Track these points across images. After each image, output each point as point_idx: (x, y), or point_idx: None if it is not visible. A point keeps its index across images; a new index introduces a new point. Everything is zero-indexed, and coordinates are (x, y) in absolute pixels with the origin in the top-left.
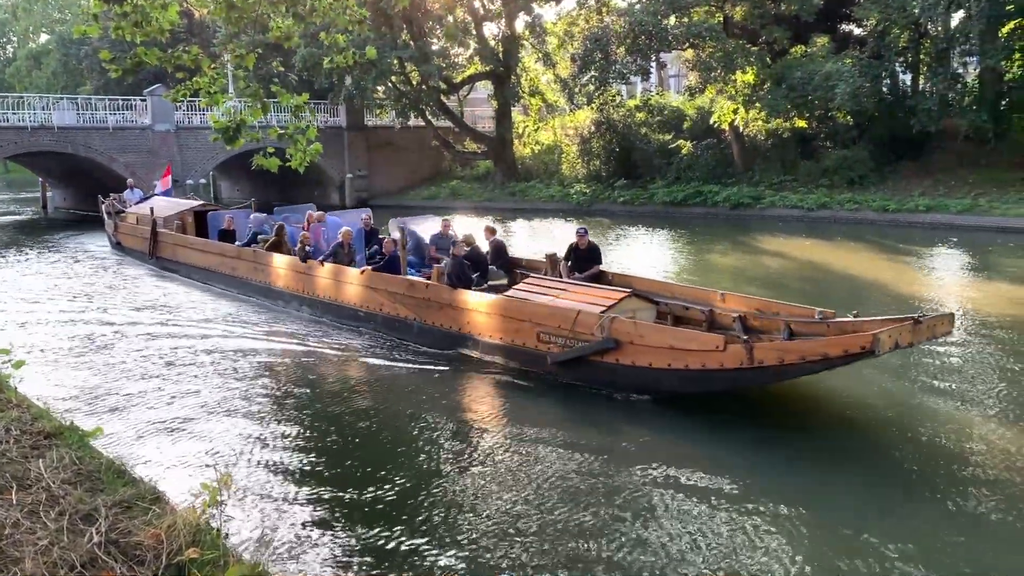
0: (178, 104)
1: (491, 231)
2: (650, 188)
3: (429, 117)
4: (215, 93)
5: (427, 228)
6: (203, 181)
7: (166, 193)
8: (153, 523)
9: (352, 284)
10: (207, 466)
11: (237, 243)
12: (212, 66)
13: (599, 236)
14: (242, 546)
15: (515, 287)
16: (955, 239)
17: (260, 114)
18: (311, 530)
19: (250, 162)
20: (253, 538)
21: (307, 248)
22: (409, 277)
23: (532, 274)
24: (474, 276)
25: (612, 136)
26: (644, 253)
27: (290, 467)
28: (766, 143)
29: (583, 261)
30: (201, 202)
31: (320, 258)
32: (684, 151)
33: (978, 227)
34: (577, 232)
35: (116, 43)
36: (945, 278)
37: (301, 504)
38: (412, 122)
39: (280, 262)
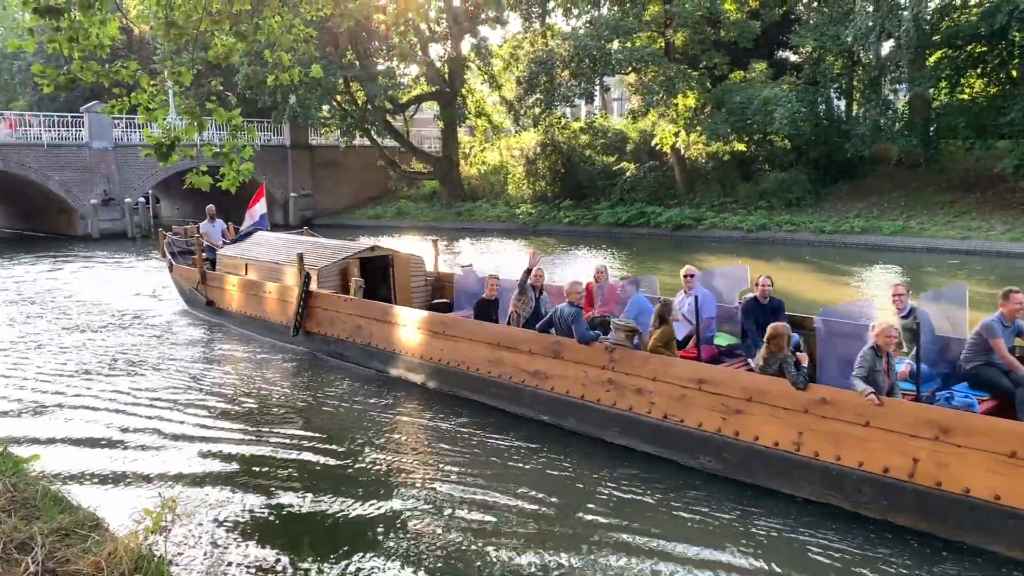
0: (116, 122)
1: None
2: (594, 209)
3: (375, 137)
4: (154, 110)
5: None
6: (142, 200)
7: (260, 223)
8: (93, 551)
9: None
10: (152, 492)
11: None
12: (152, 83)
13: (545, 256)
14: (188, 573)
15: None
16: (887, 259)
17: (195, 131)
18: (261, 556)
19: (182, 179)
20: (200, 565)
21: (798, 371)
22: None
23: None
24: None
25: (557, 157)
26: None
27: (239, 492)
28: (707, 166)
29: None
30: (369, 244)
31: (796, 378)
32: (628, 173)
33: (909, 248)
34: None
35: (53, 57)
36: (877, 295)
37: (251, 530)
38: (358, 141)
39: (701, 375)
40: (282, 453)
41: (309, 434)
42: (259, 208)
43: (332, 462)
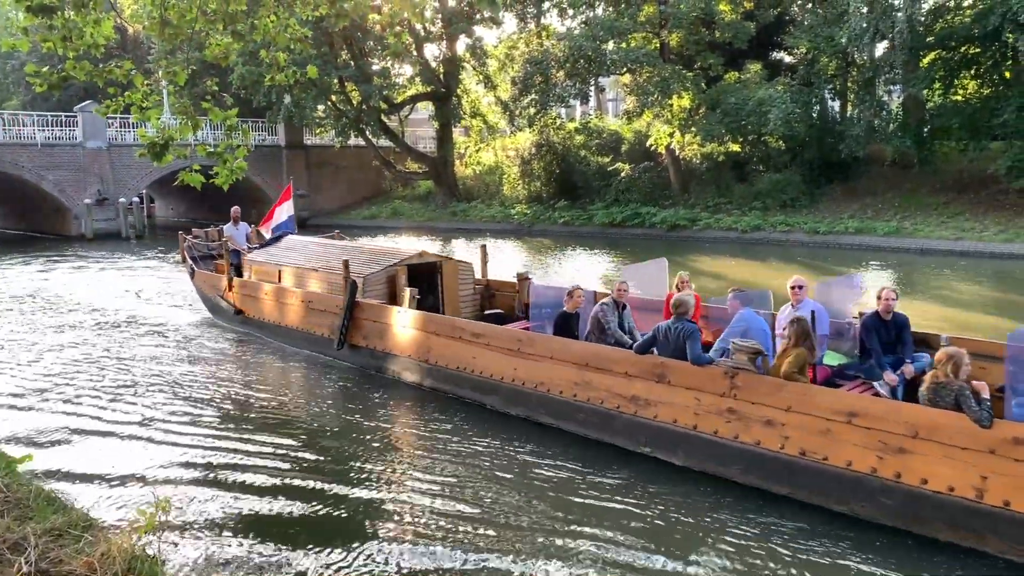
0: (110, 121)
1: None
2: (589, 209)
3: (370, 137)
4: (148, 109)
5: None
6: (136, 199)
7: (287, 225)
8: (86, 551)
9: None
10: (146, 492)
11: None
12: (146, 82)
13: (540, 257)
14: (182, 574)
15: None
16: (881, 260)
17: (190, 131)
18: (255, 555)
19: (174, 177)
20: (194, 565)
21: None
22: None
23: None
24: None
25: (552, 158)
26: (586, 272)
27: (233, 491)
28: (701, 166)
29: None
30: (417, 250)
31: (979, 414)
32: (622, 173)
33: (903, 249)
34: None
35: (47, 57)
36: (870, 298)
37: (245, 529)
38: (353, 142)
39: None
40: (300, 469)
41: (337, 452)
42: (286, 209)
43: (363, 488)
